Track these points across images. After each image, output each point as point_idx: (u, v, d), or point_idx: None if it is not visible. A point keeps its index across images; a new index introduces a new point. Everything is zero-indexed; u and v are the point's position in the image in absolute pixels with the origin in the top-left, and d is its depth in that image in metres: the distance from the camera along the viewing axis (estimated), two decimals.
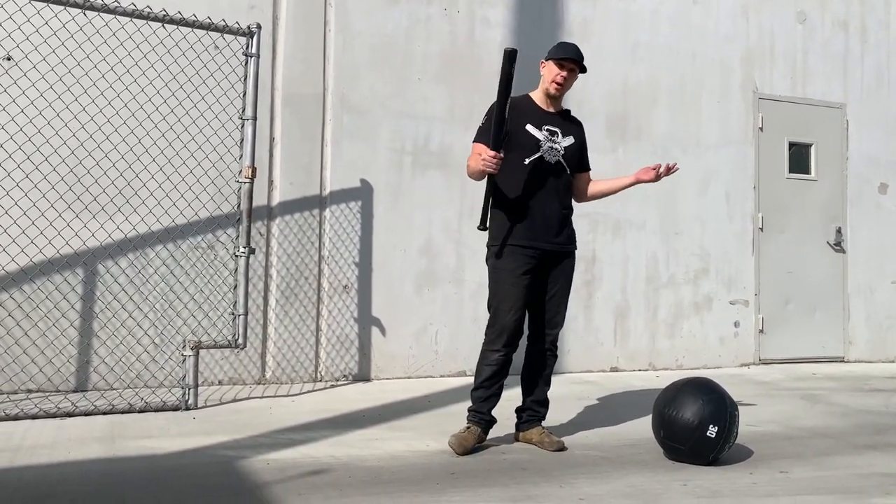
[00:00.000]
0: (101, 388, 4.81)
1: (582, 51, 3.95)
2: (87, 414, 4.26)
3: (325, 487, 3.11)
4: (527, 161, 3.80)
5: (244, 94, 4.76)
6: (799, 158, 7.16)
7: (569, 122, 4.01)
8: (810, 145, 7.16)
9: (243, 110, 4.76)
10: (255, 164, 4.74)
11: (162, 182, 4.89)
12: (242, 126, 4.76)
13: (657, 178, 4.02)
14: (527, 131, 3.83)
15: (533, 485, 3.25)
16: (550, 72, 3.91)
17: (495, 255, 3.83)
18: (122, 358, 4.89)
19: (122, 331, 4.90)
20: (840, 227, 7.24)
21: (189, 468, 3.36)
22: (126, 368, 4.90)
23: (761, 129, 6.95)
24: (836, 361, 7.17)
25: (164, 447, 3.69)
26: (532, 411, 3.96)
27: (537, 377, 3.95)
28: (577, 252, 4.12)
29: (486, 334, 3.84)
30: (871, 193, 7.41)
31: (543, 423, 3.98)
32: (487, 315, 3.87)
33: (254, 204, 4.79)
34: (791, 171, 7.10)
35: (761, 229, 6.94)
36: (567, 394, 5.36)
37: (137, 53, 4.80)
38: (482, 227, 3.83)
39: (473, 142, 3.93)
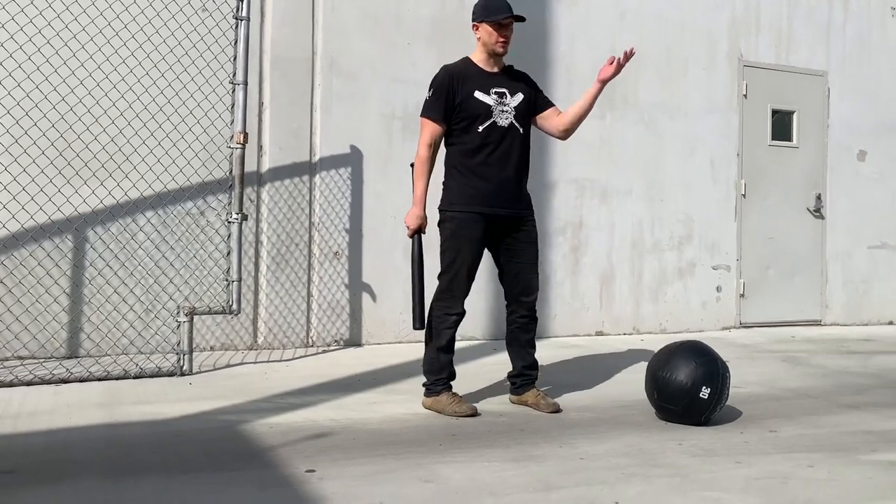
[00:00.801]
0: (95, 354, 4.79)
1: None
2: (82, 380, 4.25)
3: (330, 450, 3.16)
4: (480, 128, 3.83)
5: (235, 59, 4.70)
6: (781, 126, 7.25)
7: (514, 79, 4.00)
8: (793, 113, 7.25)
9: (234, 75, 4.71)
10: (246, 130, 4.70)
11: (153, 147, 4.85)
12: (233, 91, 4.71)
13: (619, 68, 3.94)
14: (476, 98, 3.83)
15: (533, 445, 3.33)
16: (490, 33, 3.86)
17: (452, 220, 3.84)
18: (116, 325, 4.87)
19: (115, 297, 4.88)
20: (820, 194, 7.37)
21: (193, 433, 3.38)
22: (120, 335, 4.89)
23: (745, 96, 7.02)
24: (813, 325, 7.35)
25: (165, 412, 3.71)
26: (525, 376, 4.03)
27: (524, 343, 4.02)
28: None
29: (440, 298, 3.85)
30: (850, 161, 7.54)
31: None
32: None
33: (232, 167, 4.75)
34: (774, 138, 7.19)
35: (744, 196, 7.05)
36: (555, 357, 5.45)
37: (126, 16, 4.70)
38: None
39: (422, 116, 3.89)
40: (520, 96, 3.95)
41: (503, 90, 3.90)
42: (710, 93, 6.91)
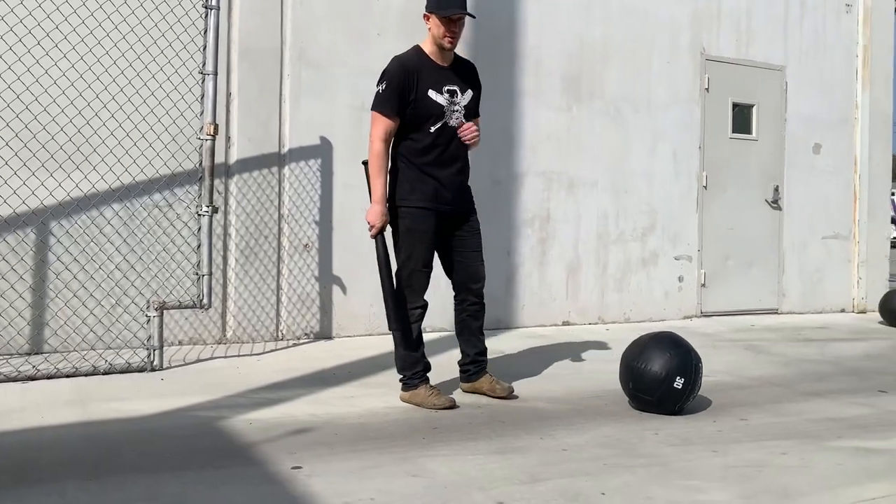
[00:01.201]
0: (62, 350, 4.69)
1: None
2: (49, 377, 4.16)
3: (313, 445, 3.15)
4: (432, 129, 3.85)
5: (204, 48, 4.61)
6: (741, 119, 7.41)
7: (464, 75, 4.00)
8: (752, 106, 7.42)
9: (203, 65, 4.62)
10: (216, 121, 4.63)
11: (122, 139, 4.75)
12: (203, 81, 4.63)
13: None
14: (430, 98, 3.83)
15: (515, 437, 3.37)
16: (438, 26, 3.83)
17: (406, 216, 3.86)
18: (84, 320, 4.77)
19: (83, 292, 4.77)
20: (777, 186, 7.56)
21: (172, 430, 3.35)
22: (89, 331, 4.79)
23: (707, 89, 7.15)
24: (770, 313, 7.55)
25: (140, 409, 3.65)
26: (477, 363, 4.09)
27: (475, 330, 4.08)
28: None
29: (403, 294, 3.87)
30: (806, 153, 7.74)
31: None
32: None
33: (202, 159, 4.67)
34: (734, 131, 7.34)
35: (705, 187, 7.20)
36: (525, 347, 5.52)
37: (93, 4, 4.58)
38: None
39: (373, 109, 3.84)
40: (469, 94, 3.98)
41: (454, 88, 3.92)
42: (673, 86, 7.02)
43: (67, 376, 4.20)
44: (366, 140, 5.67)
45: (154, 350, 4.47)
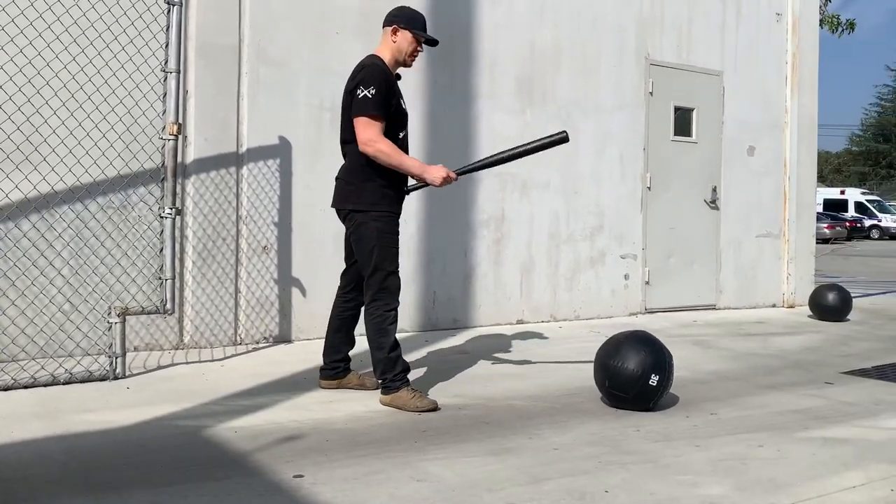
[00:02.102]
0: (19, 358, 4.46)
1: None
2: (7, 388, 3.96)
3: (308, 453, 3.12)
4: (401, 135, 4.01)
5: (167, 46, 4.47)
6: (682, 122, 7.67)
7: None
8: (692, 110, 7.69)
9: (166, 62, 4.48)
10: (179, 120, 4.50)
11: (82, 138, 4.54)
12: (165, 79, 4.48)
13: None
14: (402, 107, 4.00)
15: (504, 438, 3.41)
16: (410, 43, 3.95)
17: (377, 220, 3.88)
18: (43, 327, 4.55)
19: (42, 298, 4.55)
20: (715, 187, 7.87)
21: (155, 441, 3.24)
22: (48, 338, 4.56)
23: (651, 93, 7.38)
24: (709, 309, 7.86)
25: (114, 420, 3.52)
26: (348, 360, 4.20)
27: (353, 328, 4.19)
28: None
29: (380, 297, 3.87)
30: (741, 155, 8.09)
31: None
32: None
33: (165, 159, 4.53)
34: (676, 134, 7.60)
35: (649, 188, 7.42)
36: (485, 347, 5.57)
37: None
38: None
39: (367, 113, 3.78)
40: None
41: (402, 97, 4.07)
42: (619, 90, 7.21)
43: (25, 387, 4.01)
44: (325, 139, 5.67)
45: (116, 357, 4.31)
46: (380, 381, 3.93)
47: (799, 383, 4.72)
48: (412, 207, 5.87)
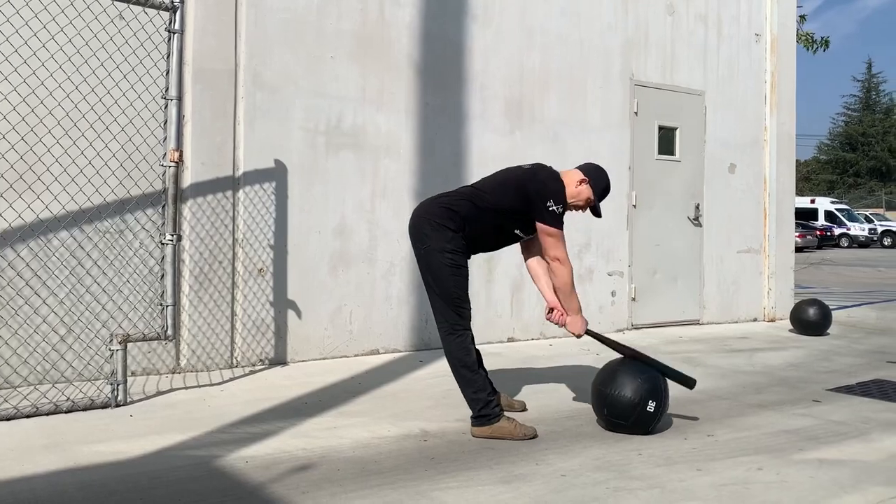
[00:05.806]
0: (19, 385, 4.45)
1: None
2: (9, 419, 3.95)
3: (322, 483, 3.16)
4: (516, 232, 4.14)
5: (167, 73, 4.49)
6: (666, 141, 7.83)
7: None
8: (675, 129, 7.86)
9: (167, 90, 4.50)
10: (181, 147, 4.53)
11: (83, 167, 4.55)
12: (166, 107, 4.51)
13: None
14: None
15: (511, 464, 3.48)
16: (587, 203, 4.12)
17: (454, 253, 3.95)
18: (45, 356, 4.54)
19: (36, 320, 4.54)
20: (698, 204, 8.04)
21: (170, 473, 3.26)
22: (50, 366, 4.55)
23: (636, 113, 7.52)
24: (693, 324, 8.01)
25: (124, 451, 3.54)
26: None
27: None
28: None
29: (454, 329, 3.99)
30: (722, 173, 8.27)
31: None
32: (454, 304, 3.98)
33: (166, 186, 4.55)
34: (660, 152, 7.76)
35: (634, 206, 7.56)
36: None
37: (53, 27, 4.38)
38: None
39: (557, 227, 3.97)
40: None
41: None
42: (606, 110, 7.35)
43: (28, 416, 4.01)
44: (320, 163, 5.72)
45: (118, 385, 4.32)
46: (473, 415, 3.94)
47: (787, 401, 4.85)
48: (403, 227, 5.93)
